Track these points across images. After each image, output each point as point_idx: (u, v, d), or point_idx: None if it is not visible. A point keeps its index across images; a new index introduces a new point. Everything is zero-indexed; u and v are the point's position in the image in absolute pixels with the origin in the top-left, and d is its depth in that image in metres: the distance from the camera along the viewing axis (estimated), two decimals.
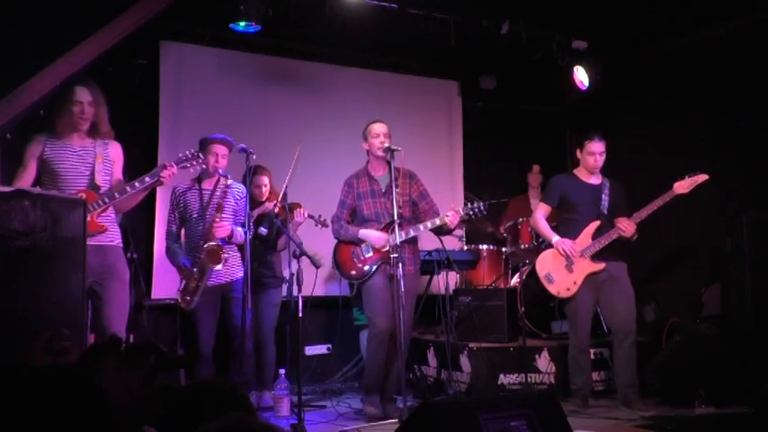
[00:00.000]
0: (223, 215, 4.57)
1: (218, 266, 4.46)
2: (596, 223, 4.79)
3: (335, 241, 4.81)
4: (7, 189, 3.10)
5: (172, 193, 4.75)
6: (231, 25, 5.09)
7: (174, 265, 4.65)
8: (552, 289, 4.79)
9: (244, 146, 4.48)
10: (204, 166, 4.45)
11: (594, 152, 4.81)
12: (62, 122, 3.83)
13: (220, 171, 4.63)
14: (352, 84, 6.49)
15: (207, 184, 4.71)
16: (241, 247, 4.96)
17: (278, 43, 6.10)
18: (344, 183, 4.82)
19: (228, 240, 4.62)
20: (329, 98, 6.34)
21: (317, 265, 4.67)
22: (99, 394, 1.12)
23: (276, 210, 4.81)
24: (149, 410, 1.35)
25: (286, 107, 6.18)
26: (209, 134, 4.74)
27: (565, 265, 4.77)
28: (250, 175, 4.43)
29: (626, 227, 4.66)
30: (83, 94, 3.83)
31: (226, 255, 4.51)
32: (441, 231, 4.74)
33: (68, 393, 1.08)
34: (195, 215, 4.66)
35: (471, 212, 4.63)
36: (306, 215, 5.02)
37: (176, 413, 1.53)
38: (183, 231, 4.78)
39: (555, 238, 4.82)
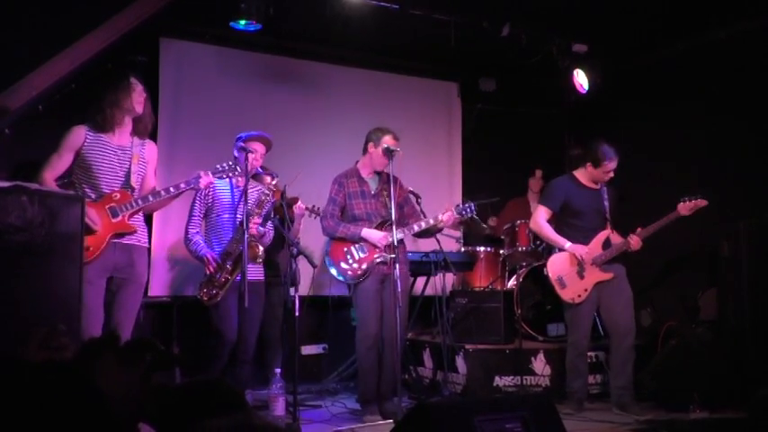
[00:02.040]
0: (261, 212, 4.53)
1: (258, 260, 4.46)
2: (606, 232, 4.80)
3: (327, 239, 4.78)
4: (5, 184, 3.09)
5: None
6: (231, 23, 5.08)
7: (197, 256, 4.58)
8: (564, 294, 4.78)
9: (242, 144, 4.49)
10: (240, 178, 4.39)
11: (610, 170, 4.78)
12: (119, 107, 3.79)
13: (259, 169, 4.61)
14: (351, 84, 6.49)
15: (239, 182, 4.64)
16: (278, 249, 4.97)
17: (278, 42, 6.10)
18: (334, 181, 4.78)
19: (256, 240, 4.57)
20: (329, 98, 6.34)
21: (313, 265, 4.67)
22: (95, 391, 1.12)
23: (274, 208, 4.81)
24: (145, 408, 1.35)
25: (285, 106, 6.17)
26: (246, 132, 4.69)
27: (576, 271, 4.76)
28: (248, 175, 4.41)
29: (635, 243, 4.69)
30: (139, 83, 3.88)
31: (261, 252, 4.48)
32: (428, 233, 4.75)
33: (65, 390, 1.08)
34: (224, 211, 4.61)
35: (462, 212, 4.67)
36: (304, 207, 5.07)
37: (172, 411, 1.53)
38: (204, 224, 4.73)
39: (568, 244, 4.79)
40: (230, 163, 4.12)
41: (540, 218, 4.91)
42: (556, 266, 4.84)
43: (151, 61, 5.65)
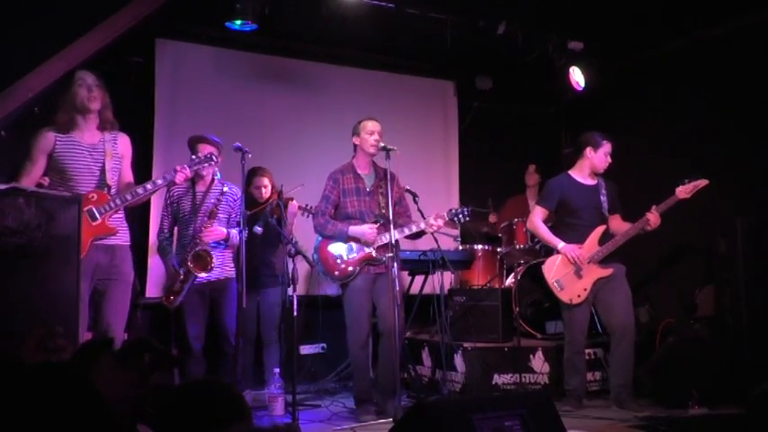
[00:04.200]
0: (216, 220, 4.57)
1: (203, 274, 4.46)
2: (602, 228, 4.78)
3: (317, 238, 4.75)
4: (2, 186, 3.09)
5: (167, 192, 4.72)
6: (227, 24, 5.09)
7: (164, 263, 4.67)
8: (563, 296, 4.77)
9: (239, 144, 4.48)
10: (217, 169, 4.40)
11: (609, 152, 4.82)
12: (69, 109, 3.76)
13: (218, 175, 4.63)
14: (348, 83, 6.49)
15: (200, 187, 4.67)
16: (272, 248, 5.01)
17: (274, 42, 6.10)
18: (329, 177, 4.73)
19: (225, 242, 4.63)
20: (325, 97, 6.33)
21: (311, 264, 4.67)
22: (94, 392, 1.12)
23: (271, 208, 4.82)
24: (144, 409, 1.35)
25: (282, 106, 6.17)
26: (202, 134, 4.69)
27: (573, 272, 4.75)
28: (244, 175, 4.41)
29: (655, 220, 4.66)
30: (86, 75, 3.80)
31: (215, 261, 4.49)
32: (418, 235, 4.74)
33: (63, 391, 1.08)
34: (187, 217, 4.64)
35: (455, 218, 4.65)
36: (297, 206, 5.09)
37: (170, 412, 1.53)
38: (175, 230, 4.77)
39: (561, 245, 4.78)
40: (207, 154, 4.12)
41: (536, 217, 4.91)
42: (552, 269, 4.82)
43: (147, 62, 5.65)
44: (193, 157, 4.11)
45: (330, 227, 4.61)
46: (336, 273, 4.60)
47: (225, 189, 4.65)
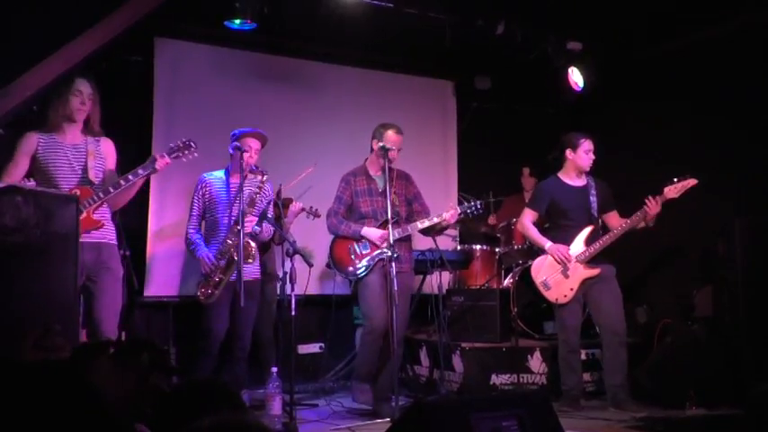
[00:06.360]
0: (254, 210, 4.53)
1: (250, 260, 4.43)
2: (590, 228, 4.80)
3: (331, 237, 4.81)
4: None
5: (198, 183, 4.69)
6: (226, 23, 5.09)
7: (195, 256, 4.61)
8: (550, 296, 4.79)
9: (238, 144, 4.49)
10: (196, 155, 4.32)
11: (590, 150, 4.85)
12: (58, 114, 3.80)
13: (254, 166, 4.60)
14: (346, 82, 6.48)
15: (235, 178, 4.62)
16: (264, 247, 4.97)
17: (273, 41, 6.09)
18: (342, 179, 4.82)
19: (253, 237, 4.59)
20: (324, 97, 6.33)
21: (309, 264, 4.67)
22: (92, 392, 1.12)
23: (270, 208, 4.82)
24: (142, 408, 1.35)
25: (281, 105, 6.16)
26: (241, 128, 4.69)
27: (560, 272, 4.77)
28: (243, 175, 4.41)
29: (653, 207, 4.62)
30: (84, 85, 3.85)
31: (254, 252, 4.47)
32: (433, 230, 4.77)
33: (61, 390, 1.08)
34: (221, 208, 4.61)
35: (468, 211, 4.68)
36: (300, 206, 5.09)
37: (168, 411, 1.53)
38: (203, 223, 4.74)
39: (548, 245, 4.81)
40: (185, 140, 4.01)
41: (526, 219, 4.95)
42: (539, 269, 4.86)
43: (146, 61, 5.64)
44: (171, 144, 4.04)
45: (343, 227, 4.69)
46: (350, 268, 4.65)
47: (263, 180, 4.58)
